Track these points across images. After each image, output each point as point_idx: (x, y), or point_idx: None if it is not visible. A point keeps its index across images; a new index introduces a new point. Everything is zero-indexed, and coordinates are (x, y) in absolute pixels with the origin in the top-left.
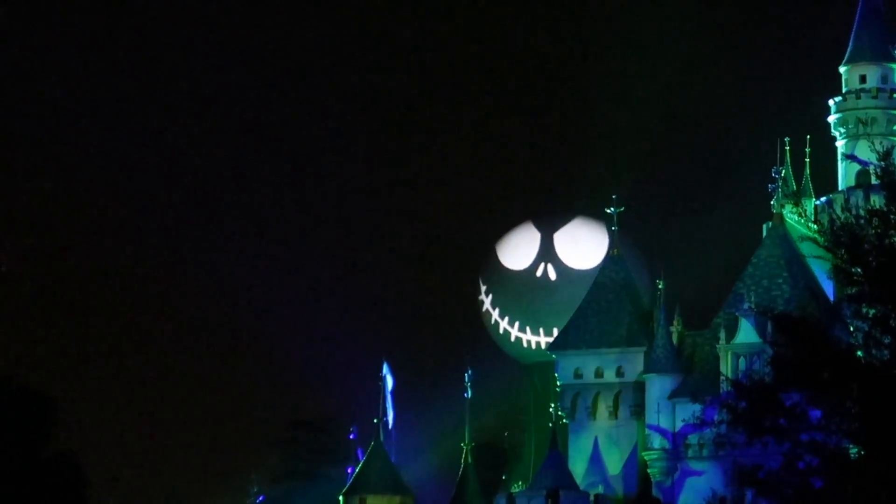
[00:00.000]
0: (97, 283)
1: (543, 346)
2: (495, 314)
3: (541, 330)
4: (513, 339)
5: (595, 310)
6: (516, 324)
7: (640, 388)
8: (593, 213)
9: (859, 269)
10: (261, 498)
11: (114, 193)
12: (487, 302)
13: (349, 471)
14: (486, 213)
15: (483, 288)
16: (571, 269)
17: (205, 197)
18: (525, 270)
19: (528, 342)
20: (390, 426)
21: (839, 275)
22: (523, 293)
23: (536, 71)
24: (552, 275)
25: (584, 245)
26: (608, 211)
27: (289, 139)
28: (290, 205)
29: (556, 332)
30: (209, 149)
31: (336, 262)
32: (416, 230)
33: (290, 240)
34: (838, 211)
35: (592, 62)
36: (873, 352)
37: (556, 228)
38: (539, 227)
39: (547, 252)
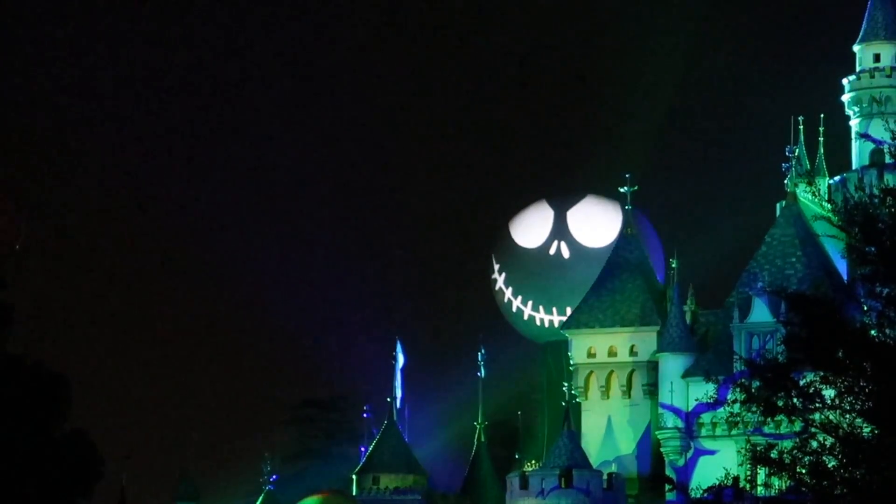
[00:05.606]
0: (111, 262)
1: (557, 324)
2: (508, 293)
3: (554, 309)
4: (526, 317)
5: (608, 289)
6: (529, 303)
7: (653, 367)
8: (607, 192)
9: (873, 249)
10: (274, 477)
11: (129, 176)
12: (501, 280)
13: (362, 450)
14: (500, 193)
15: (496, 266)
16: (585, 248)
17: (218, 178)
18: (538, 248)
19: (542, 321)
20: (398, 405)
21: (853, 254)
22: (537, 271)
23: (549, 49)
24: (565, 253)
25: (597, 223)
26: (622, 190)
27: (302, 118)
28: (303, 184)
29: (569, 311)
30: (222, 132)
31: (349, 240)
32: (429, 209)
33: (303, 219)
34: (852, 190)
35: (605, 40)
36: (887, 331)
37: (569, 207)
38: (553, 206)
39: (560, 230)
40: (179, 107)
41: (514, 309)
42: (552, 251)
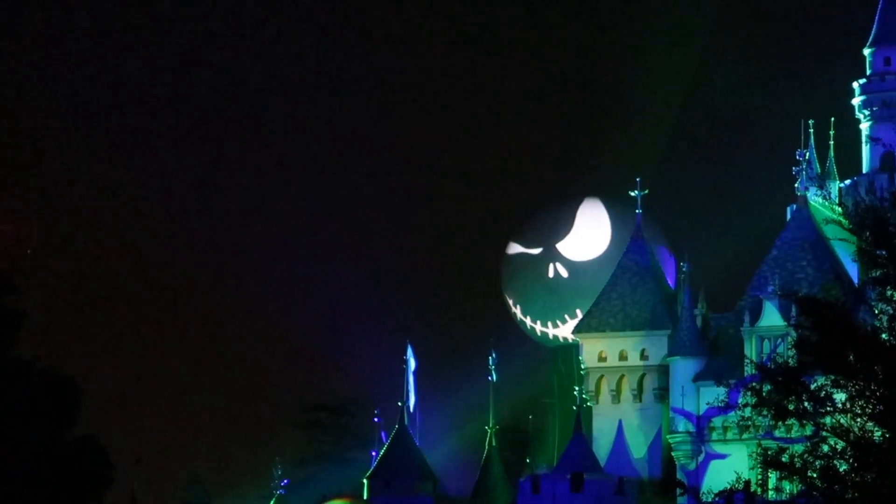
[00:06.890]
0: (121, 266)
1: (571, 339)
2: (529, 321)
3: (568, 319)
4: (539, 332)
5: (619, 293)
6: (539, 321)
7: (664, 371)
8: (617, 195)
9: (884, 252)
10: (285, 481)
11: (139, 177)
12: (519, 312)
13: (373, 454)
14: (509, 196)
15: (511, 302)
16: (579, 263)
17: (227, 182)
18: (539, 275)
19: (555, 336)
20: (412, 409)
21: (864, 257)
22: (547, 298)
23: (560, 53)
24: (563, 272)
25: (586, 237)
26: (632, 194)
27: (310, 122)
28: (313, 187)
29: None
30: (231, 134)
31: (360, 243)
32: (440, 212)
33: (313, 221)
34: (863, 193)
35: (616, 44)
36: None
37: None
38: (528, 245)
39: (550, 253)
40: (182, 109)
41: (536, 332)
42: (551, 274)
